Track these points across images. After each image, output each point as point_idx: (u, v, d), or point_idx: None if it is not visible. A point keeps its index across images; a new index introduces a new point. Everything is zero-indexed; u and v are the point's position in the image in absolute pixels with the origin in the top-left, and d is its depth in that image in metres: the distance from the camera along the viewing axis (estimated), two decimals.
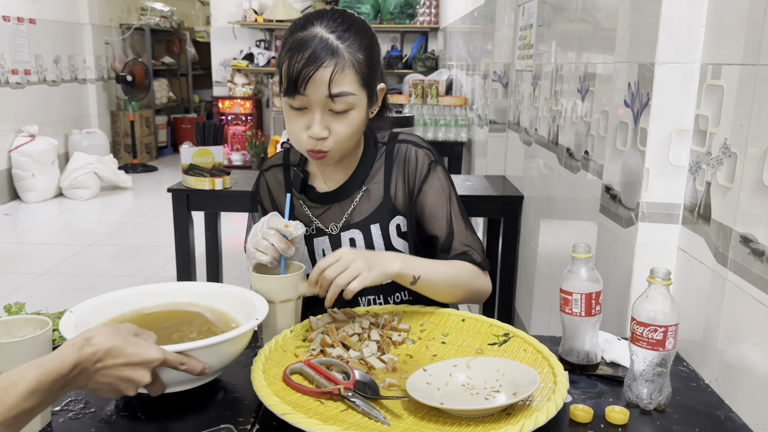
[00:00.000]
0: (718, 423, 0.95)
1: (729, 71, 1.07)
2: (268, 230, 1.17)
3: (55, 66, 6.52)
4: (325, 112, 1.20)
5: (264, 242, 1.17)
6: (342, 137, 1.22)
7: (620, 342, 1.14)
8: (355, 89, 1.19)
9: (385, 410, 0.92)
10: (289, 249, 1.18)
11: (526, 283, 2.51)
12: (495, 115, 3.09)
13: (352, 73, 1.18)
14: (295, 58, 1.16)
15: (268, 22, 6.88)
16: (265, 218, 1.20)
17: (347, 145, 1.26)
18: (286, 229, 1.17)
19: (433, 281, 1.23)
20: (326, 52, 1.16)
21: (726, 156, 1.06)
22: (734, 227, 1.02)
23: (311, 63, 1.15)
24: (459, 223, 1.34)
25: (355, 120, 1.22)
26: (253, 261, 1.18)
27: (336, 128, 1.21)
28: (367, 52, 1.21)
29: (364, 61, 1.20)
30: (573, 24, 1.92)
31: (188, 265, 2.78)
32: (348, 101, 1.19)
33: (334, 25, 1.19)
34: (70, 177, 5.89)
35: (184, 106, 9.35)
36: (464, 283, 1.29)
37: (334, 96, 1.17)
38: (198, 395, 1.00)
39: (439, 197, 1.34)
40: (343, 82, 1.17)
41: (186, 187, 2.69)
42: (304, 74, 1.15)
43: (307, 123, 1.21)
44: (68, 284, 3.79)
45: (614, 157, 1.38)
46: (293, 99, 1.19)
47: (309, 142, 1.22)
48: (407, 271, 1.19)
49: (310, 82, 1.15)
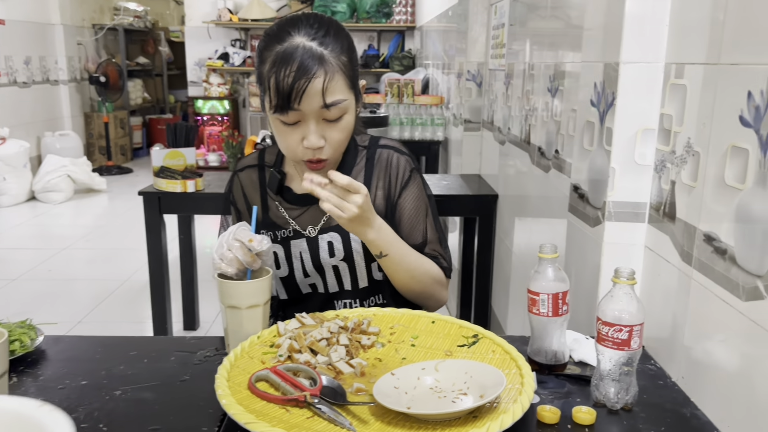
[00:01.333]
0: (684, 421, 0.96)
1: (692, 70, 1.08)
2: (233, 242, 1.14)
3: (26, 67, 6.41)
4: (320, 121, 1.19)
5: (229, 254, 1.14)
6: (338, 143, 1.22)
7: (588, 341, 1.15)
8: (345, 94, 1.19)
9: (352, 416, 0.91)
10: (254, 262, 1.15)
11: (502, 282, 2.52)
12: (470, 114, 3.09)
13: (341, 78, 1.18)
14: (283, 72, 1.13)
15: (243, 22, 6.83)
16: (232, 228, 1.18)
17: (342, 150, 1.26)
18: (250, 244, 1.14)
19: (396, 264, 1.27)
20: (313, 62, 1.14)
21: (690, 155, 1.06)
22: (698, 226, 1.03)
23: (302, 76, 1.13)
24: (432, 233, 1.37)
25: (348, 123, 1.22)
26: (217, 272, 1.15)
27: (331, 135, 1.20)
28: (349, 53, 1.21)
29: (348, 63, 1.20)
30: (544, 22, 1.92)
31: (161, 270, 2.74)
32: (341, 107, 1.18)
33: (313, 31, 1.17)
34: (43, 180, 5.79)
35: (160, 107, 9.26)
36: (425, 279, 1.32)
37: (329, 105, 1.16)
38: (161, 404, 0.98)
39: (417, 208, 1.36)
40: (335, 90, 1.16)
41: (158, 190, 2.66)
42: (296, 89, 1.13)
43: (301, 135, 1.19)
44: (42, 289, 3.73)
45: (582, 156, 1.39)
46: (286, 115, 1.17)
47: (306, 153, 1.21)
48: (377, 243, 1.23)
49: (303, 95, 1.14)
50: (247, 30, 7.23)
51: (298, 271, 1.35)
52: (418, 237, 1.36)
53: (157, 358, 1.14)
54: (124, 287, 3.76)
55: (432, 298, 1.36)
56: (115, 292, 3.68)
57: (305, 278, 1.36)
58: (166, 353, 1.15)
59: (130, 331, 3.19)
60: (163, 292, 2.78)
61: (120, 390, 1.02)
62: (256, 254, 1.15)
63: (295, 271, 1.35)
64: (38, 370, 1.09)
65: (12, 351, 1.08)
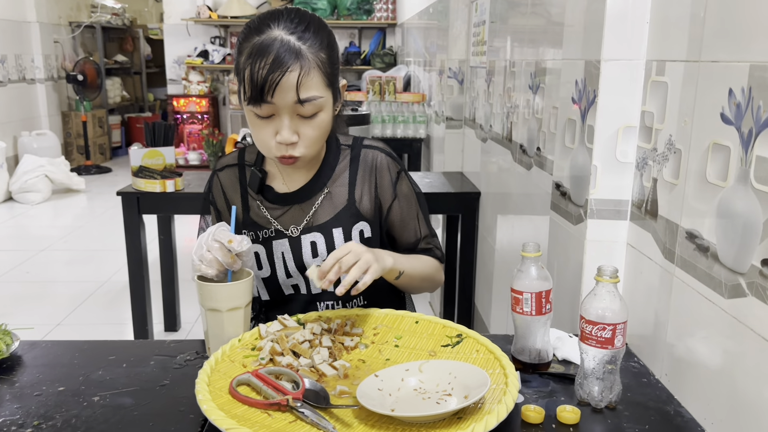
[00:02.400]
0: (668, 418, 0.96)
1: (673, 68, 1.08)
2: (213, 243, 1.12)
3: (1, 66, 6.29)
4: (294, 116, 1.17)
5: (208, 255, 1.12)
6: (312, 140, 1.20)
7: (571, 339, 1.15)
8: (321, 91, 1.17)
9: (335, 419, 0.90)
10: (234, 263, 1.14)
11: (485, 280, 2.52)
12: (451, 111, 3.09)
13: (318, 75, 1.16)
14: (258, 64, 1.12)
15: (222, 19, 6.77)
16: (211, 229, 1.16)
17: (317, 148, 1.24)
18: (230, 245, 1.12)
19: (411, 277, 1.30)
20: (290, 56, 1.12)
21: (671, 152, 1.06)
22: (680, 223, 1.03)
23: (276, 68, 1.11)
24: (424, 228, 1.40)
25: (324, 121, 1.20)
26: (198, 273, 1.13)
27: (305, 132, 1.19)
28: (328, 51, 1.19)
29: (327, 60, 1.18)
30: (524, 19, 1.92)
31: (140, 271, 2.71)
32: (316, 104, 1.17)
33: (293, 25, 1.16)
34: (20, 180, 5.69)
35: (139, 105, 9.15)
36: (431, 276, 1.38)
37: (303, 101, 1.14)
38: (140, 410, 0.96)
39: (408, 209, 1.38)
40: (310, 86, 1.15)
41: (136, 190, 2.62)
42: (270, 81, 1.12)
43: (275, 129, 1.18)
44: (19, 292, 3.67)
45: (563, 154, 1.38)
46: (259, 107, 1.15)
47: (278, 148, 1.19)
48: (396, 266, 1.24)
49: (277, 88, 1.12)
50: (227, 27, 7.17)
51: (280, 271, 1.33)
52: (411, 236, 1.39)
53: (137, 362, 1.12)
54: (104, 289, 3.71)
55: (436, 285, 1.42)
56: (95, 294, 3.63)
57: (287, 279, 1.34)
58: (145, 357, 1.13)
59: (110, 333, 3.15)
60: (143, 294, 2.74)
61: (98, 396, 1.00)
62: (236, 255, 1.13)
63: (278, 272, 1.33)
64: (14, 376, 1.07)
65: None
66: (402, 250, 1.38)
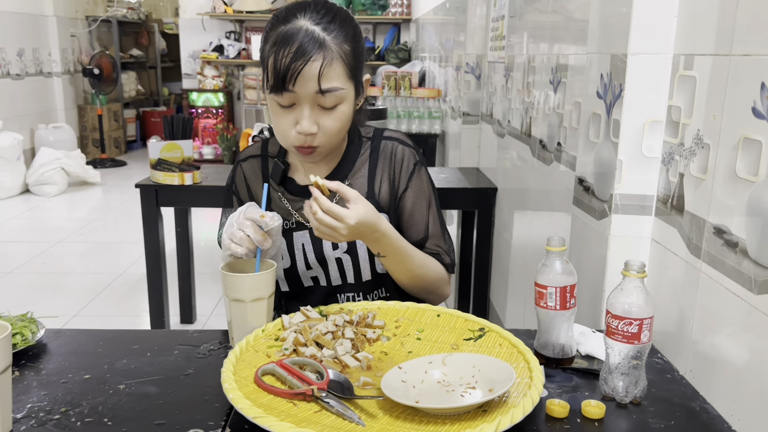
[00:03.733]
0: (694, 415, 0.95)
1: (701, 62, 1.07)
2: (244, 221, 1.13)
3: (19, 59, 6.35)
4: (314, 107, 1.17)
5: (239, 233, 1.13)
6: (332, 132, 1.20)
7: (595, 334, 1.14)
8: (343, 83, 1.17)
9: (360, 410, 0.90)
10: (265, 241, 1.14)
11: (501, 276, 2.51)
12: (468, 106, 3.08)
13: (341, 66, 1.16)
14: (282, 52, 1.12)
15: (237, 14, 6.79)
16: (241, 208, 1.17)
17: (336, 140, 1.23)
18: (261, 220, 1.13)
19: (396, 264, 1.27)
20: (313, 45, 1.13)
21: (699, 147, 1.05)
22: (707, 218, 1.02)
23: (299, 57, 1.12)
24: (435, 227, 1.36)
25: (344, 114, 1.20)
26: (228, 252, 1.15)
27: (325, 123, 1.18)
28: (353, 43, 1.19)
29: (351, 53, 1.18)
30: (545, 15, 1.91)
31: (158, 263, 2.72)
32: (337, 96, 1.16)
33: (318, 16, 1.16)
34: (37, 173, 5.75)
35: (153, 99, 9.20)
36: (426, 278, 1.32)
37: (324, 91, 1.14)
38: (166, 398, 0.97)
39: (420, 201, 1.35)
40: (332, 77, 1.15)
41: (154, 183, 2.63)
42: (292, 69, 1.12)
43: (295, 119, 1.18)
44: (36, 283, 3.71)
45: (587, 148, 1.38)
46: (281, 96, 1.15)
47: (297, 138, 1.19)
48: (375, 248, 1.23)
49: (299, 77, 1.12)
50: (242, 22, 7.19)
51: (300, 263, 1.34)
52: (421, 231, 1.36)
53: (160, 351, 1.12)
54: (120, 281, 3.74)
55: (434, 294, 1.36)
56: (111, 286, 3.66)
57: (307, 270, 1.34)
58: (168, 347, 1.14)
59: (127, 324, 3.17)
60: (160, 286, 2.76)
61: (124, 384, 1.01)
62: (266, 232, 1.14)
63: (297, 264, 1.34)
64: (40, 364, 1.08)
65: (14, 344, 1.06)
66: None
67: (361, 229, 1.14)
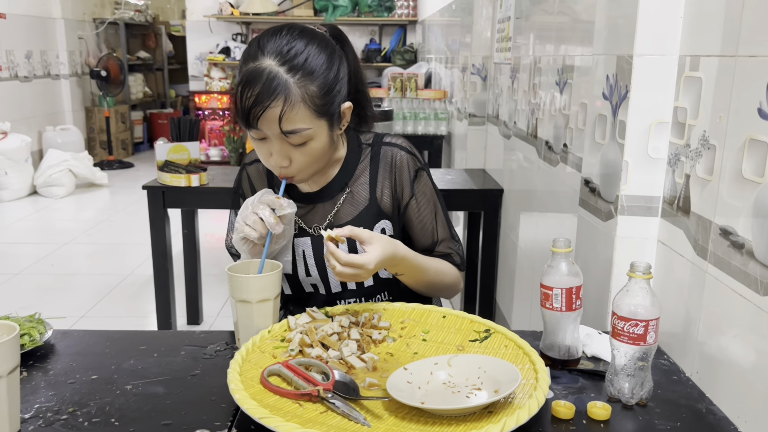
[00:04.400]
0: (700, 416, 0.95)
1: (707, 63, 1.06)
2: (259, 204, 1.17)
3: (27, 61, 6.38)
4: (284, 143, 1.17)
5: (253, 216, 1.16)
6: (304, 165, 1.21)
7: (601, 336, 1.14)
8: (308, 123, 1.16)
9: (366, 411, 0.90)
10: (277, 225, 1.17)
11: (507, 277, 2.51)
12: (474, 108, 3.08)
13: (304, 109, 1.14)
14: (245, 94, 1.13)
15: (244, 16, 6.80)
16: (257, 194, 1.21)
17: (313, 169, 1.24)
18: (277, 201, 1.17)
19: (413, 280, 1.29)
20: (274, 90, 1.11)
21: (705, 148, 1.05)
22: (714, 220, 1.02)
23: (259, 102, 1.12)
24: (444, 231, 1.38)
25: (314, 149, 1.19)
26: (240, 235, 1.18)
27: (296, 158, 1.19)
28: (322, 80, 1.15)
29: (317, 93, 1.15)
30: (551, 16, 1.91)
31: (165, 264, 2.73)
32: (303, 135, 1.16)
33: (285, 52, 1.13)
34: (45, 174, 5.78)
35: (161, 101, 9.23)
36: (442, 284, 1.35)
37: (286, 133, 1.15)
38: (173, 399, 0.97)
39: (426, 207, 1.36)
40: (294, 120, 1.14)
41: (161, 184, 2.65)
42: (254, 113, 1.13)
43: (268, 150, 1.20)
44: (44, 284, 3.73)
45: (593, 149, 1.38)
46: (250, 131, 1.18)
47: (275, 168, 1.22)
48: (394, 271, 1.25)
49: (261, 119, 1.13)
50: (249, 24, 7.20)
51: (300, 269, 1.34)
52: (429, 237, 1.36)
53: (167, 352, 1.13)
54: (127, 282, 3.75)
55: (446, 293, 1.39)
56: (118, 287, 3.67)
57: (307, 277, 1.35)
58: (175, 348, 1.15)
59: (134, 325, 3.18)
60: (167, 287, 2.77)
61: (131, 384, 1.02)
62: (279, 217, 1.17)
63: (298, 270, 1.34)
64: (48, 364, 1.09)
65: (21, 345, 1.07)
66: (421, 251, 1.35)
67: (381, 265, 1.17)
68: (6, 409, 0.85)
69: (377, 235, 1.17)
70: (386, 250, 1.16)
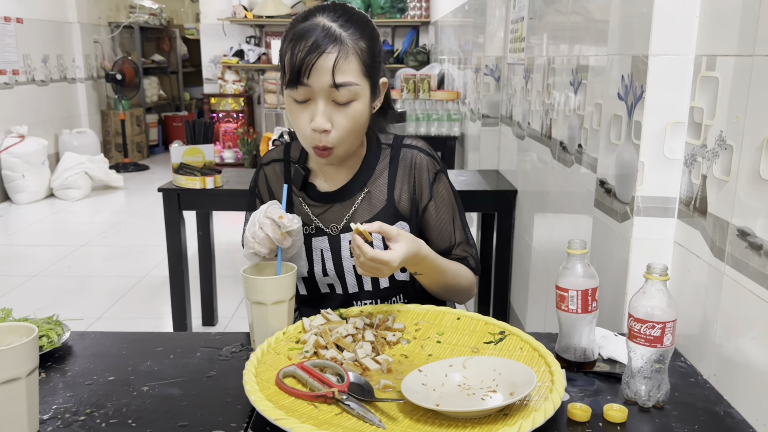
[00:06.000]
0: (718, 419, 0.94)
1: (724, 62, 1.06)
2: (264, 219, 1.17)
3: (43, 65, 6.45)
4: (328, 102, 1.18)
5: (261, 233, 1.16)
6: (345, 130, 1.20)
7: (617, 338, 1.13)
8: (358, 79, 1.18)
9: (381, 413, 0.90)
10: (284, 240, 1.17)
11: (521, 278, 2.50)
12: (487, 109, 3.07)
13: (356, 62, 1.17)
14: (298, 47, 1.15)
15: (258, 18, 6.83)
16: (263, 206, 1.20)
17: (350, 140, 1.23)
18: (280, 221, 1.16)
19: (430, 281, 1.29)
20: (329, 40, 1.15)
21: (722, 148, 1.04)
22: (731, 221, 1.01)
23: (314, 50, 1.14)
24: (461, 234, 1.38)
25: (358, 111, 1.20)
26: (251, 251, 1.18)
27: (339, 120, 1.19)
28: (369, 42, 1.20)
29: (366, 51, 1.19)
30: (564, 16, 1.90)
31: (180, 266, 2.75)
32: (351, 91, 1.17)
33: (336, 15, 1.18)
34: (61, 177, 5.83)
35: (175, 104, 9.29)
36: (458, 286, 1.34)
37: (338, 85, 1.15)
38: (188, 400, 0.98)
39: (444, 210, 1.36)
40: (346, 71, 1.16)
41: (177, 187, 2.66)
42: (307, 62, 1.14)
43: (310, 115, 1.19)
44: (61, 286, 3.76)
45: (608, 150, 1.37)
46: (296, 90, 1.17)
47: (313, 137, 1.20)
48: (413, 270, 1.25)
49: (313, 70, 1.14)
50: (262, 27, 7.24)
51: (317, 269, 1.34)
52: (447, 240, 1.36)
53: (183, 354, 1.14)
54: (142, 284, 3.78)
55: (461, 296, 1.38)
56: (134, 289, 3.70)
57: (324, 277, 1.35)
58: (191, 349, 1.15)
59: (149, 327, 3.20)
60: (182, 288, 2.79)
61: (147, 386, 1.02)
62: (286, 232, 1.16)
63: (315, 269, 1.34)
64: (65, 365, 1.10)
65: (40, 347, 1.08)
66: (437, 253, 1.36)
67: (404, 263, 1.17)
68: (25, 409, 0.86)
69: (404, 232, 1.17)
70: (411, 248, 1.17)
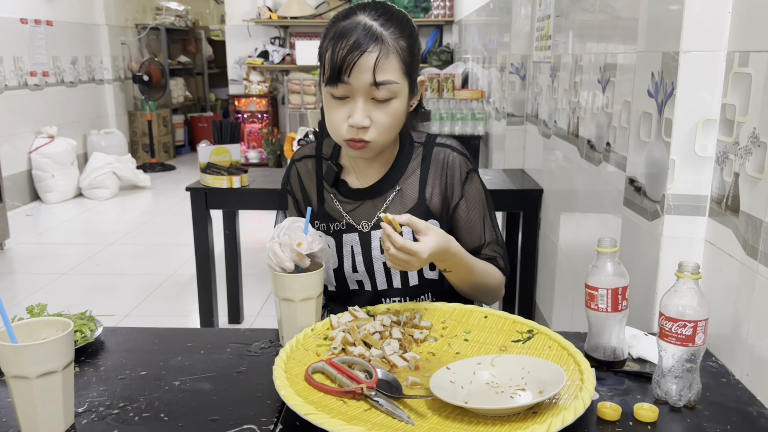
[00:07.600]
0: (751, 420, 0.93)
1: (757, 58, 1.04)
2: (285, 238, 1.16)
3: (72, 67, 6.57)
4: (368, 100, 1.18)
5: (280, 255, 1.15)
6: (383, 127, 1.20)
7: (647, 337, 1.12)
8: (398, 77, 1.18)
9: (409, 409, 0.91)
10: (302, 260, 1.16)
11: (547, 278, 2.49)
12: (513, 107, 3.06)
13: (396, 61, 1.18)
14: (339, 45, 1.15)
15: (282, 20, 6.88)
16: (287, 222, 1.19)
17: (387, 136, 1.24)
18: (297, 248, 1.14)
19: (459, 279, 1.29)
20: (371, 39, 1.15)
21: (755, 146, 1.03)
22: (764, 219, 0.99)
23: (356, 49, 1.14)
24: (491, 234, 1.37)
25: (397, 109, 1.21)
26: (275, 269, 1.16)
27: (378, 117, 1.20)
28: (409, 41, 1.21)
29: (407, 49, 1.20)
30: (591, 14, 1.88)
31: (207, 264, 2.78)
32: (391, 89, 1.18)
33: (377, 14, 1.19)
34: (90, 177, 5.93)
35: (201, 105, 9.39)
36: (486, 286, 1.34)
37: (378, 84, 1.16)
38: (219, 395, 0.99)
39: (475, 209, 1.35)
40: (387, 69, 1.16)
41: (204, 186, 2.69)
42: (348, 60, 1.14)
43: (348, 112, 1.19)
44: (90, 284, 3.83)
45: (638, 148, 1.35)
46: (335, 87, 1.18)
47: (349, 131, 1.20)
48: (442, 266, 1.25)
49: (354, 68, 1.15)
50: (287, 28, 7.28)
51: (347, 265, 1.35)
52: (477, 240, 1.36)
53: (213, 349, 1.15)
54: (169, 282, 3.83)
55: (489, 297, 1.37)
56: (161, 287, 3.75)
57: (353, 273, 1.35)
58: (221, 345, 1.17)
59: (177, 324, 3.25)
60: (209, 286, 2.82)
61: (179, 380, 1.04)
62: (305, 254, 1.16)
63: (345, 265, 1.35)
64: (99, 360, 1.12)
65: (74, 341, 1.10)
66: None
67: (433, 257, 1.17)
68: (61, 402, 0.88)
69: (433, 227, 1.17)
70: (440, 242, 1.16)
